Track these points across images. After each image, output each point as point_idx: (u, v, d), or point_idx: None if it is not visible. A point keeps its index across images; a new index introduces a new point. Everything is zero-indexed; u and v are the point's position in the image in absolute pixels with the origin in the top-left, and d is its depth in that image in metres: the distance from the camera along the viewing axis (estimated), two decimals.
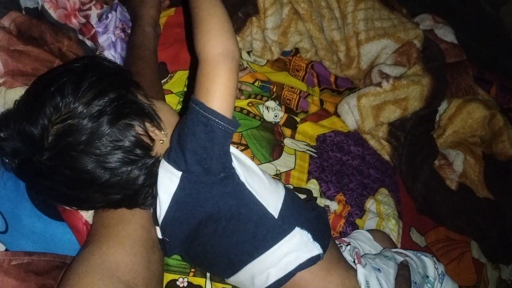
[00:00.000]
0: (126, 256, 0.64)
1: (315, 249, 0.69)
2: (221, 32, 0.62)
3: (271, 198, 0.69)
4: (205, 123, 0.60)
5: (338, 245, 0.84)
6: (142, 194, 0.66)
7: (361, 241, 0.90)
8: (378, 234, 0.95)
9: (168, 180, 0.64)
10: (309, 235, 0.69)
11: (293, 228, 0.68)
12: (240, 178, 0.66)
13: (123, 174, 0.62)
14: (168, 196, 0.64)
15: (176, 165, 0.63)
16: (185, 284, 0.77)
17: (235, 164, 0.66)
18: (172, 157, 0.63)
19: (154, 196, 0.67)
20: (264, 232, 0.67)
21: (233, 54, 0.61)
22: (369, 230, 0.95)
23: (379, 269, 0.75)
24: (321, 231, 0.73)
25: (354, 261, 0.77)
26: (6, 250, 0.63)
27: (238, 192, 0.66)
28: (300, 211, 0.72)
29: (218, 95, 0.60)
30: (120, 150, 0.61)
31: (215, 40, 0.61)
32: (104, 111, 0.60)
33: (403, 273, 0.77)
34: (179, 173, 0.63)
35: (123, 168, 0.62)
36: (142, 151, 0.64)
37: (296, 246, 0.68)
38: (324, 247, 0.70)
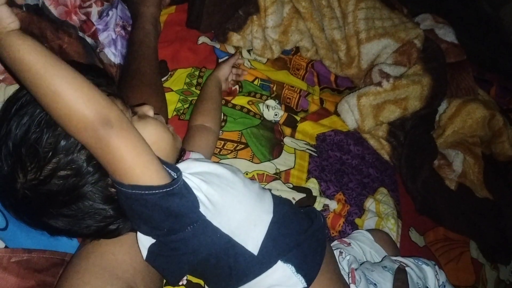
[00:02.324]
0: (125, 255, 0.64)
1: (299, 283, 0.66)
2: (82, 97, 0.49)
3: (252, 234, 0.64)
4: (134, 199, 0.54)
5: (337, 248, 0.83)
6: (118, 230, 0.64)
7: (362, 241, 0.90)
8: (378, 234, 0.95)
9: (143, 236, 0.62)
10: (293, 268, 0.65)
11: (275, 262, 0.65)
12: (213, 223, 0.61)
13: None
14: (144, 248, 0.62)
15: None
16: (184, 282, 0.77)
17: (204, 208, 0.60)
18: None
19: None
20: (242, 270, 0.64)
21: (106, 118, 0.49)
22: (369, 230, 0.95)
23: (375, 284, 0.75)
24: (309, 257, 0.69)
25: (349, 275, 0.76)
26: (6, 247, 0.63)
27: (213, 239, 0.61)
28: (287, 237, 0.68)
29: (127, 169, 0.52)
30: (98, 215, 0.59)
31: (78, 109, 0.48)
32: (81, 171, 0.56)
33: (400, 277, 0.77)
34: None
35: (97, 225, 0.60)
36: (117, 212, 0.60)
37: (278, 281, 0.65)
38: (310, 277, 0.67)
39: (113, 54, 1.01)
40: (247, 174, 0.96)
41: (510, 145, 1.33)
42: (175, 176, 0.57)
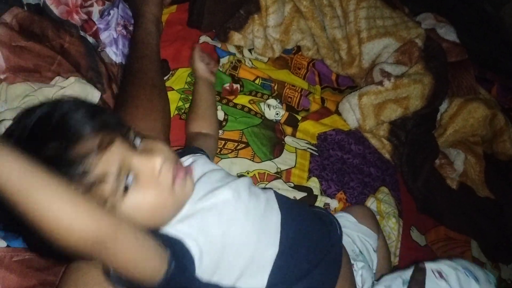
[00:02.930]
0: None
1: None
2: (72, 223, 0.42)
3: (256, 276, 0.62)
4: None
5: None
6: None
7: (347, 227, 0.87)
8: (358, 212, 0.92)
9: None
10: None
11: None
12: (212, 280, 0.59)
13: None
14: None
15: None
16: None
17: (200, 265, 0.57)
18: None
19: None
20: None
21: (98, 239, 0.43)
22: (349, 210, 0.92)
23: None
24: (321, 285, 0.67)
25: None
26: (8, 246, 0.63)
27: None
28: (296, 267, 0.65)
29: (125, 273, 0.49)
30: None
31: (70, 236, 0.42)
32: None
33: (416, 276, 0.75)
34: None
35: None
36: None
37: None
38: None
39: (114, 54, 1.01)
40: (248, 173, 0.97)
41: (511, 144, 1.33)
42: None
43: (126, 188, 0.54)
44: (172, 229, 0.57)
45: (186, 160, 0.74)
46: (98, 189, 0.52)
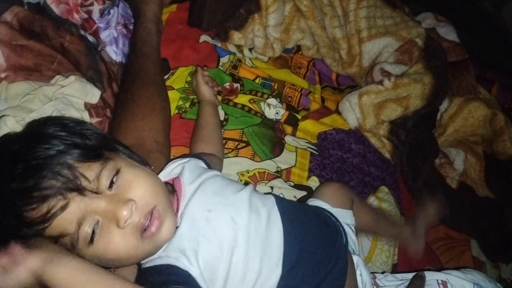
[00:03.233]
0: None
1: None
2: None
3: None
4: None
5: None
6: None
7: None
8: (329, 192, 0.85)
9: None
10: None
11: None
12: None
13: None
14: None
15: None
16: None
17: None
18: None
19: None
20: None
21: None
22: (320, 193, 0.86)
23: None
24: None
25: None
26: None
27: None
28: (301, 282, 0.63)
29: None
30: None
31: None
32: None
33: (415, 282, 0.75)
34: None
35: None
36: None
37: None
38: None
39: (114, 53, 1.01)
40: (248, 172, 0.97)
41: (511, 144, 1.33)
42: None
43: (93, 232, 0.53)
44: (180, 264, 0.57)
45: (175, 168, 0.72)
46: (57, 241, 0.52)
